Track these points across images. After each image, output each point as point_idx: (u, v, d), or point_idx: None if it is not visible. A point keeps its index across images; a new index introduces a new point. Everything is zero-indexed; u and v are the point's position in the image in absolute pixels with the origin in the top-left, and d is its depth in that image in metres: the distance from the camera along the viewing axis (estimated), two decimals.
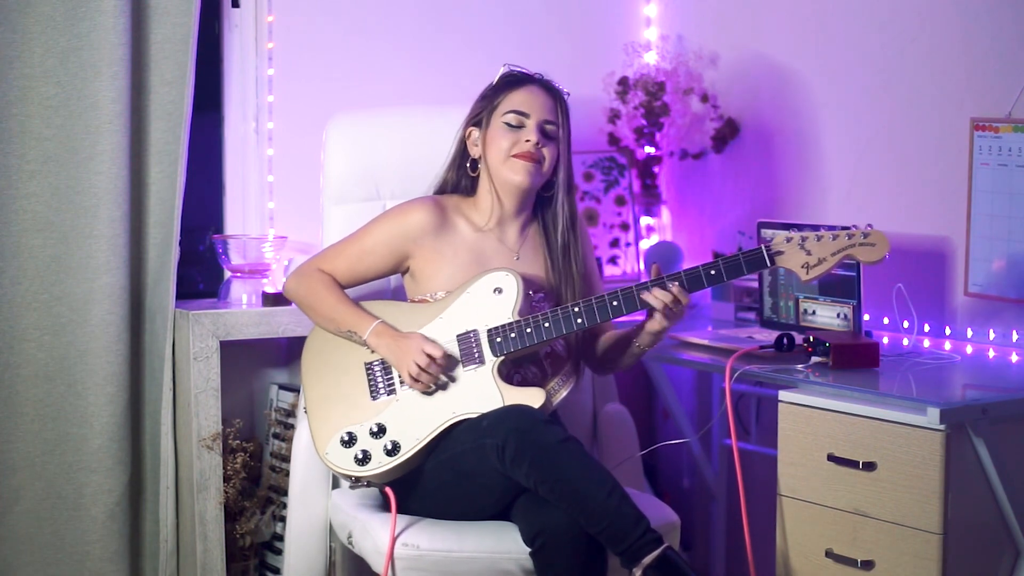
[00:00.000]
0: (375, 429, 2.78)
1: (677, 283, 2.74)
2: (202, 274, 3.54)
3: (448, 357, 2.78)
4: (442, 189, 2.98)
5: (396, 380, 2.82)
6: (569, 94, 2.92)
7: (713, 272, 2.75)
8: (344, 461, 2.77)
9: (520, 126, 2.86)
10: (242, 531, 3.29)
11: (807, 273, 2.74)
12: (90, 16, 3.09)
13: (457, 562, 2.69)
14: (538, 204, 2.95)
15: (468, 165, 2.94)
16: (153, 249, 3.25)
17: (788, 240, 2.74)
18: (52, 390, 3.14)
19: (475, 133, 2.92)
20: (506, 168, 2.86)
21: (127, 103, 3.14)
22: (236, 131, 3.50)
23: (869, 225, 2.74)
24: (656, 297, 2.74)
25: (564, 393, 2.86)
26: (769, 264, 2.74)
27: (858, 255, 2.73)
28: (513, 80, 2.90)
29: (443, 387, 2.78)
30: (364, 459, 2.76)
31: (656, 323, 2.79)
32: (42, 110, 3.09)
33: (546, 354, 2.88)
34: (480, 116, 2.91)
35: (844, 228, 2.74)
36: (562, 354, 2.90)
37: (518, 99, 2.87)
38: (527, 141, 2.85)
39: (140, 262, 3.24)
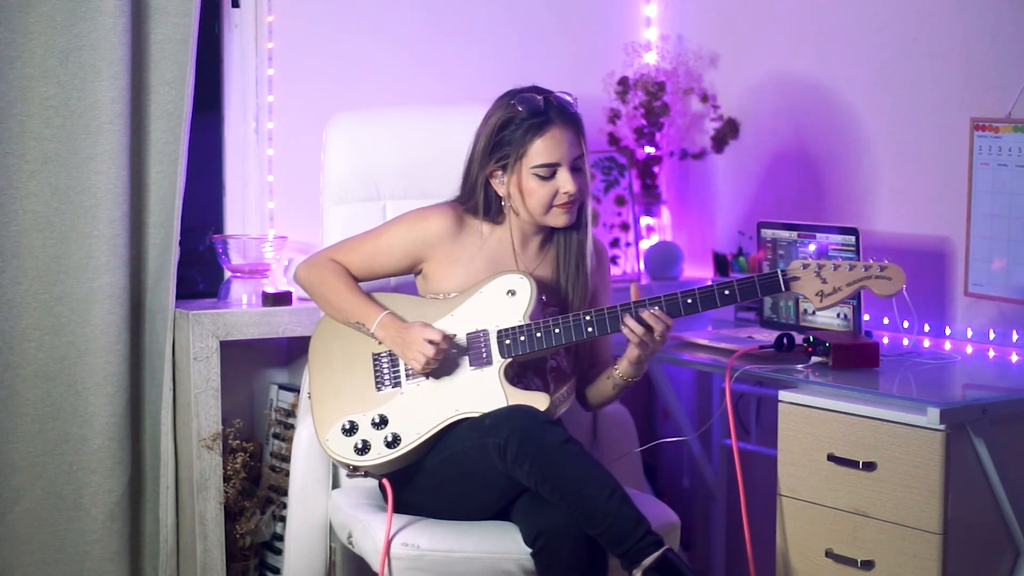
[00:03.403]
0: (377, 420, 2.78)
1: (657, 307, 2.72)
2: (202, 274, 3.54)
3: (450, 338, 2.77)
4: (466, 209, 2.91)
5: (402, 373, 2.82)
6: (576, 99, 2.86)
7: (727, 292, 2.73)
8: (343, 449, 2.77)
9: (553, 176, 2.80)
10: (242, 531, 3.29)
11: (821, 301, 2.72)
12: (90, 16, 3.09)
13: (457, 562, 2.69)
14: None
15: (494, 197, 2.86)
16: (153, 249, 3.25)
17: (805, 267, 2.73)
18: (52, 390, 3.14)
19: (500, 173, 2.83)
20: (549, 217, 2.83)
21: (127, 103, 3.14)
22: (236, 131, 3.50)
23: (886, 259, 2.73)
24: (631, 328, 2.73)
25: (565, 408, 2.86)
26: (784, 289, 2.72)
27: (873, 288, 2.71)
28: (536, 123, 2.79)
29: (448, 384, 2.78)
30: (363, 449, 2.76)
31: (632, 352, 2.79)
32: (42, 110, 3.09)
33: (551, 368, 2.87)
34: (506, 162, 2.82)
35: (859, 261, 2.72)
36: (566, 370, 2.89)
37: (545, 149, 2.79)
38: (566, 193, 2.80)
39: (140, 262, 3.24)
